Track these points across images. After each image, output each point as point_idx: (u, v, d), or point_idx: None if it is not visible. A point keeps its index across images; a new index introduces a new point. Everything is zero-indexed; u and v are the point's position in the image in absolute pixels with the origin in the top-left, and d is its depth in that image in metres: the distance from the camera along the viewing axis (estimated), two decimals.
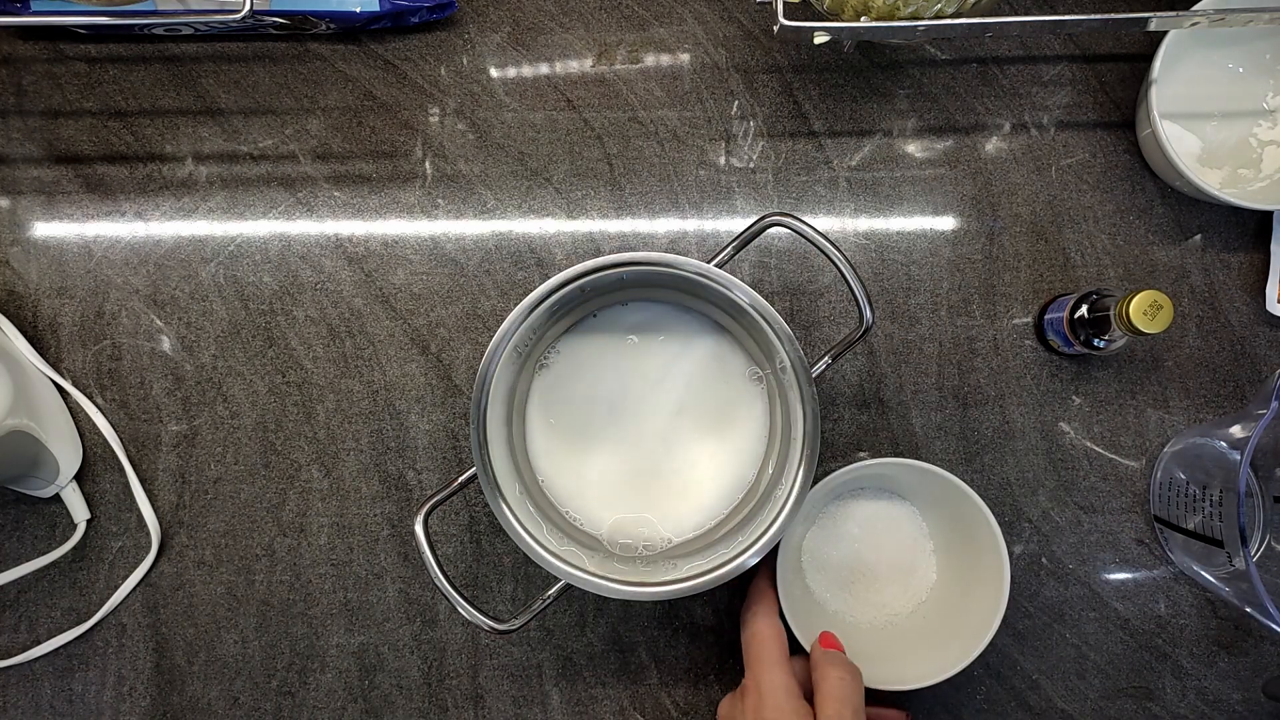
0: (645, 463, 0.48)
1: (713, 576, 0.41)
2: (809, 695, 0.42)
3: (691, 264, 0.42)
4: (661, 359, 0.48)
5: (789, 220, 0.44)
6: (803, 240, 0.45)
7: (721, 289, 0.42)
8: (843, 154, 0.55)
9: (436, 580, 0.41)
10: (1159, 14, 0.45)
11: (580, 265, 0.42)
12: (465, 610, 0.42)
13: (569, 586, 0.42)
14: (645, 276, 0.44)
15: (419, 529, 0.42)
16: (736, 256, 0.46)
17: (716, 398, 0.48)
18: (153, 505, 0.53)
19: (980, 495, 0.46)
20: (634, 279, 0.44)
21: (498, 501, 0.42)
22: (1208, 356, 0.54)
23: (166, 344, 0.54)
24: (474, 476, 0.42)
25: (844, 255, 0.44)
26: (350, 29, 0.54)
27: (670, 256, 0.42)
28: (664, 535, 0.47)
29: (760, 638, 0.43)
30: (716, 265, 0.43)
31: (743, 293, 0.42)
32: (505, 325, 0.42)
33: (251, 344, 0.54)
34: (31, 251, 0.54)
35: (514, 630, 0.42)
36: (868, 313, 0.44)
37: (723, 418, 0.48)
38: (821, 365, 0.45)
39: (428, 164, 0.55)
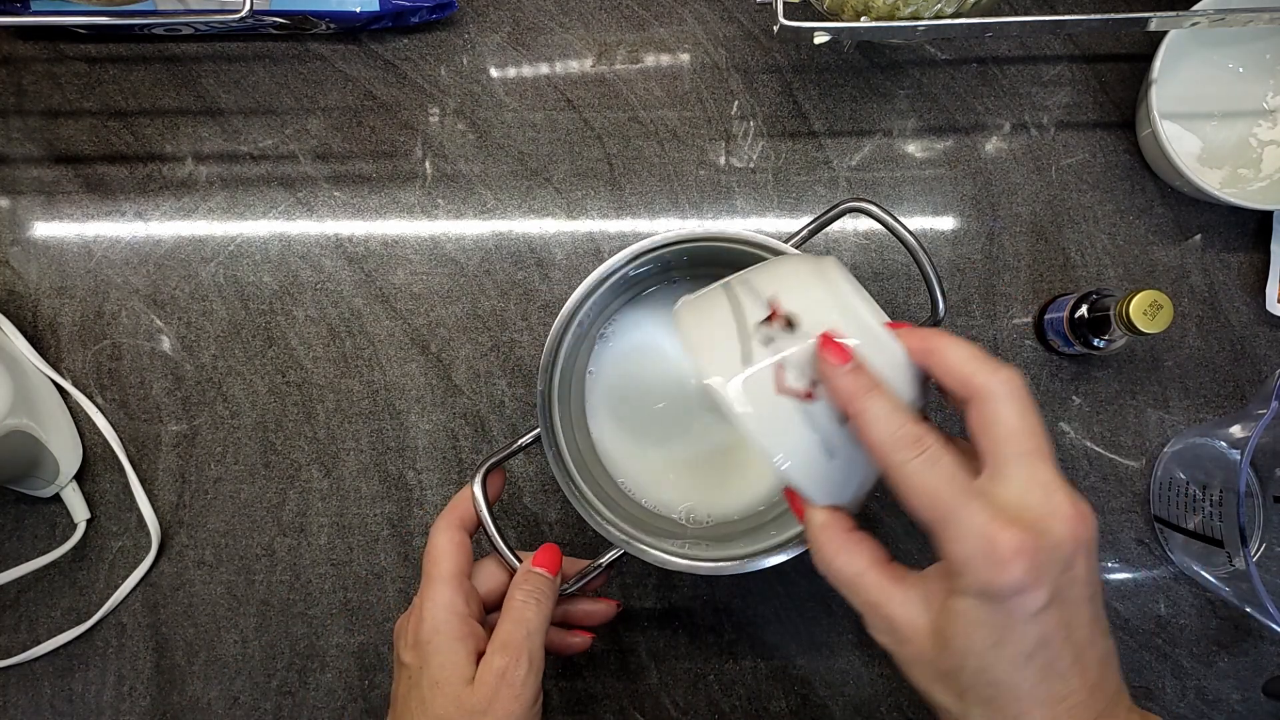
0: (700, 439, 0.48)
1: (761, 556, 0.41)
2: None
3: (772, 243, 0.42)
4: None
5: (868, 206, 0.43)
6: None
7: None
8: (843, 154, 0.55)
9: (495, 542, 0.41)
10: (1159, 14, 0.45)
11: (660, 236, 0.42)
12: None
13: (624, 555, 0.42)
14: (713, 254, 0.44)
15: (477, 490, 0.41)
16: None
17: None
18: (153, 505, 0.52)
19: None
20: (701, 255, 0.44)
21: (561, 466, 0.42)
22: (1208, 356, 0.54)
23: (166, 344, 0.54)
24: (537, 438, 0.42)
25: (921, 245, 0.43)
26: (350, 29, 0.54)
27: (750, 234, 0.42)
28: (716, 512, 0.48)
29: (432, 552, 0.39)
30: (793, 246, 0.43)
31: None
32: (580, 291, 0.42)
33: (251, 344, 0.54)
34: (31, 251, 0.54)
35: (565, 594, 0.42)
36: (941, 305, 0.44)
37: None
38: None
39: (428, 164, 0.55)
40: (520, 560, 0.41)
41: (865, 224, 0.54)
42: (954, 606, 0.28)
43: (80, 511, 0.52)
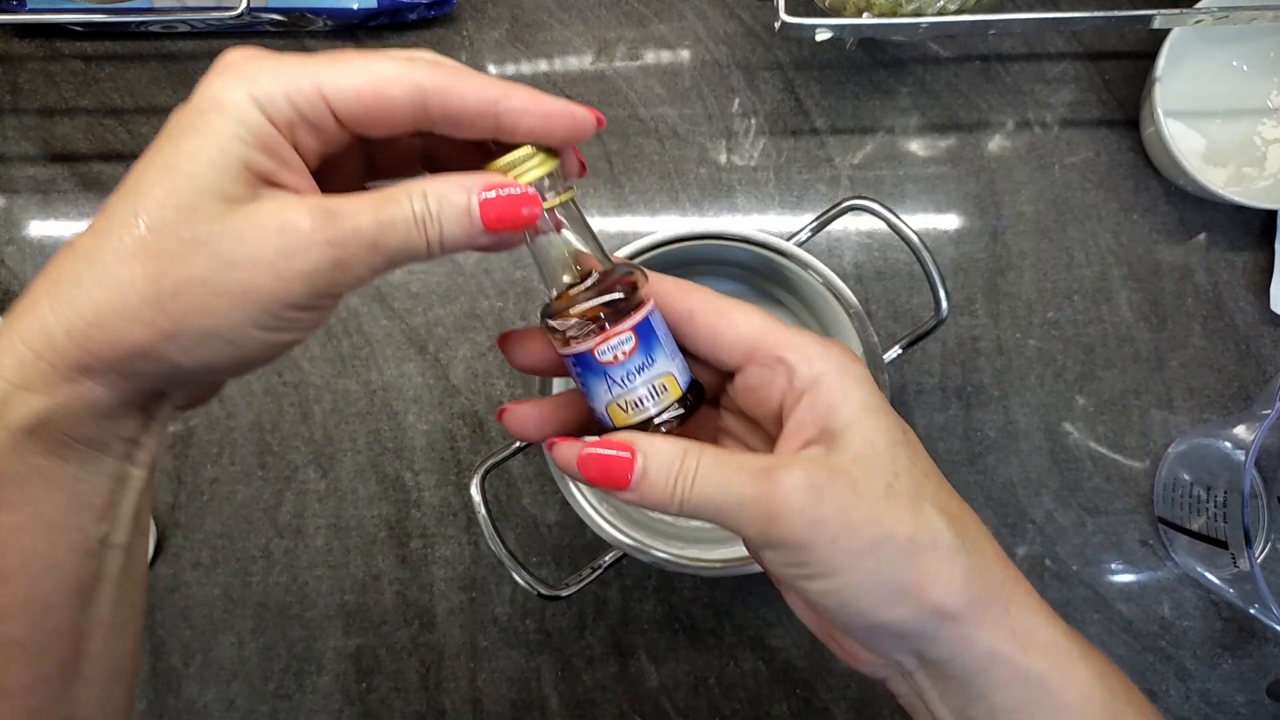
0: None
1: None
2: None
3: (774, 241, 0.42)
4: None
5: (870, 204, 0.43)
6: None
7: (798, 268, 0.43)
8: (845, 152, 0.54)
9: (492, 544, 0.41)
10: (1163, 11, 0.45)
11: (660, 234, 0.42)
12: (518, 573, 0.42)
13: (624, 556, 0.42)
14: (713, 252, 0.44)
15: (475, 492, 0.41)
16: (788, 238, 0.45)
17: None
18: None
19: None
20: (702, 254, 0.44)
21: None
22: (1212, 356, 0.53)
23: None
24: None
25: (924, 243, 0.43)
26: (347, 26, 0.54)
27: (751, 232, 0.42)
28: None
29: None
30: (795, 245, 0.43)
31: (818, 273, 0.42)
32: None
33: None
34: (27, 250, 0.54)
35: (564, 597, 0.42)
36: (944, 305, 0.44)
37: None
38: (894, 353, 0.45)
39: None
40: None
41: (868, 222, 0.54)
42: None
43: None
